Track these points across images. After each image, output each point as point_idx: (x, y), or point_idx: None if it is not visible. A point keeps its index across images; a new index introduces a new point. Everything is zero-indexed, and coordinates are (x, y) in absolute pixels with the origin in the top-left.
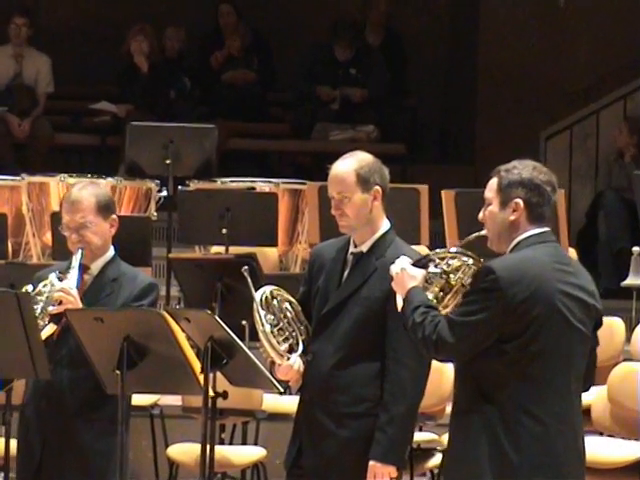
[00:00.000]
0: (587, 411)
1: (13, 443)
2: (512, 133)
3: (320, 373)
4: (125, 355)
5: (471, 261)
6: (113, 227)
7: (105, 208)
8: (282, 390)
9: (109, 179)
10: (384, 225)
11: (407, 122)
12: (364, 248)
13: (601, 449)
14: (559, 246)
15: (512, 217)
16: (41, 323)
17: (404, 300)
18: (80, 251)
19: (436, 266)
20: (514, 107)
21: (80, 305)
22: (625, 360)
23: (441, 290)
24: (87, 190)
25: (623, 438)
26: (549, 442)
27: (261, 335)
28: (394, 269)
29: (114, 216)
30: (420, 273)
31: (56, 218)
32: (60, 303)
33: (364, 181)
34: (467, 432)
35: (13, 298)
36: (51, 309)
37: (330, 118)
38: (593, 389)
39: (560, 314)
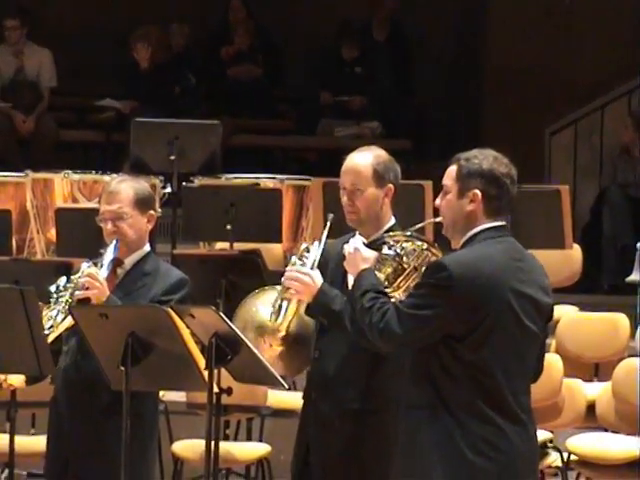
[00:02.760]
0: (592, 407)
1: (17, 440)
2: (517, 128)
3: (326, 370)
4: (130, 351)
5: (425, 245)
6: (150, 223)
7: (143, 202)
8: (287, 387)
9: (113, 175)
10: (390, 222)
11: (412, 118)
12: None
13: (605, 445)
14: (514, 241)
15: (469, 207)
16: (67, 310)
17: (354, 282)
18: (114, 242)
19: (389, 248)
20: (519, 102)
21: (107, 292)
22: (630, 356)
23: (394, 272)
24: (126, 183)
25: (628, 434)
26: (504, 442)
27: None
28: (347, 248)
29: (152, 212)
30: (373, 255)
31: (60, 214)
32: (87, 289)
33: (379, 177)
34: (417, 427)
35: (17, 294)
36: (77, 294)
37: (335, 114)
38: (598, 385)
39: (512, 314)
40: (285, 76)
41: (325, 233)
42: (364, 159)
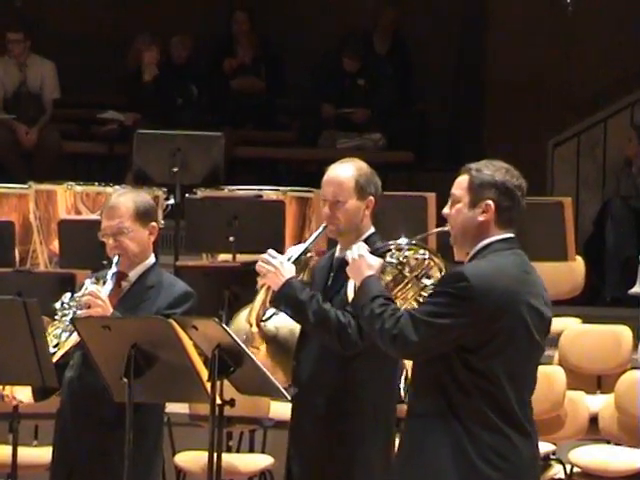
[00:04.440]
0: (594, 419)
1: (20, 451)
2: (520, 140)
3: (301, 378)
4: (132, 363)
5: (427, 255)
6: (152, 235)
7: (144, 215)
8: (289, 398)
9: (116, 187)
10: (368, 231)
11: (415, 129)
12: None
13: (608, 457)
14: (523, 253)
15: (481, 218)
16: (71, 328)
17: (359, 288)
18: (117, 257)
19: (391, 256)
20: (522, 114)
21: (109, 309)
22: (632, 368)
23: (393, 280)
24: (126, 196)
25: (630, 446)
26: (512, 452)
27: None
28: (351, 255)
29: (154, 223)
30: (378, 262)
31: (63, 226)
32: (89, 307)
33: (361, 189)
34: (425, 435)
35: (21, 306)
36: (79, 313)
37: (337, 126)
38: (600, 397)
39: (525, 326)
40: (287, 88)
41: (313, 236)
42: (346, 171)
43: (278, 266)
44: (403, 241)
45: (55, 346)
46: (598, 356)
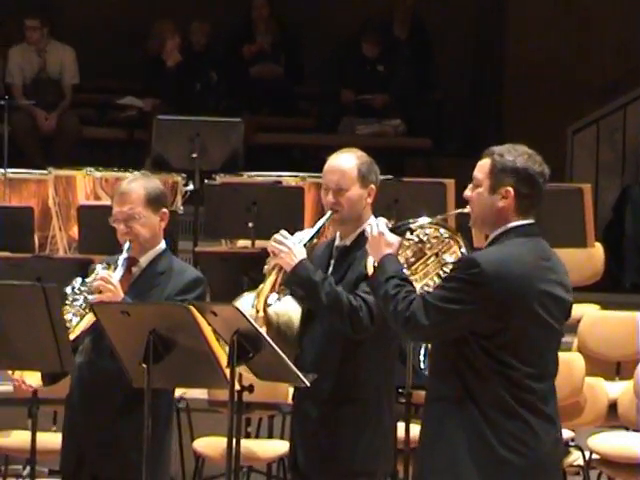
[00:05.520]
0: (613, 406)
1: (39, 436)
2: (538, 126)
3: (305, 364)
4: (151, 348)
5: (448, 234)
6: (163, 220)
7: (155, 201)
8: (308, 384)
9: (135, 173)
10: (369, 220)
11: (433, 116)
12: (347, 242)
13: (627, 444)
14: (541, 240)
15: (500, 204)
16: (82, 313)
17: (377, 266)
18: (128, 243)
19: (412, 233)
20: (541, 100)
21: (120, 294)
22: None
23: (413, 255)
24: (137, 182)
25: None
26: (531, 437)
27: None
28: (370, 230)
29: (165, 210)
30: (397, 240)
31: (83, 212)
32: (100, 292)
33: (363, 177)
34: (443, 418)
35: (40, 291)
36: (91, 298)
37: (356, 112)
38: (619, 384)
39: (539, 313)
40: (306, 74)
41: (320, 222)
42: (348, 160)
43: (291, 246)
44: (424, 220)
45: None
46: (617, 342)
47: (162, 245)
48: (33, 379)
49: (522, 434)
